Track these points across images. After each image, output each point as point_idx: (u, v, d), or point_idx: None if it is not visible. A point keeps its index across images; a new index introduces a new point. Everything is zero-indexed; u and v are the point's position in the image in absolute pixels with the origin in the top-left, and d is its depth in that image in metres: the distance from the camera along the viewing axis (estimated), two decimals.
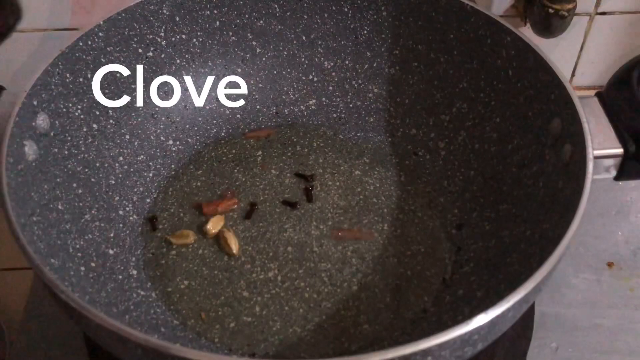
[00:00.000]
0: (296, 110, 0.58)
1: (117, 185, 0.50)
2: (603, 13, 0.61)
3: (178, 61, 0.54)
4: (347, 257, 0.48)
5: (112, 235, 0.48)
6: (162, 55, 0.53)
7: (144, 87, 0.53)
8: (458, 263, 0.48)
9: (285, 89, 0.58)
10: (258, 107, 0.57)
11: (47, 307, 0.51)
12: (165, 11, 0.52)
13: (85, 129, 0.48)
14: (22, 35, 0.58)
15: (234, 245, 0.48)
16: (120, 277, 0.46)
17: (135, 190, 0.51)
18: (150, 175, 0.52)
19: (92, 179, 0.48)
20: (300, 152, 0.55)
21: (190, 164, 0.54)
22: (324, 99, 0.58)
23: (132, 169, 0.51)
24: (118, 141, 0.51)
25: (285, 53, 0.57)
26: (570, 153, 0.43)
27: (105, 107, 0.50)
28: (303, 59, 0.57)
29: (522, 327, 0.48)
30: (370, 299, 0.46)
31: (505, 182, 0.49)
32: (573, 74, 0.66)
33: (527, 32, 0.53)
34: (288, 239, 0.49)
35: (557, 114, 0.45)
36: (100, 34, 0.49)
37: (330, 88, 0.58)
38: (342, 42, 0.57)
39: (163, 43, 0.53)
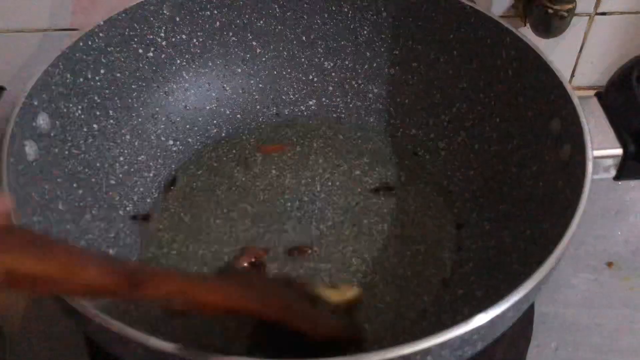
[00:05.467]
0: (296, 110, 0.58)
1: (117, 185, 0.50)
2: (603, 13, 0.61)
3: (178, 61, 0.54)
4: (347, 257, 0.48)
5: (112, 235, 0.48)
6: (163, 56, 0.53)
7: (144, 87, 0.53)
8: (458, 263, 0.48)
9: (285, 89, 0.58)
10: (258, 107, 0.57)
11: (47, 307, 0.51)
12: (165, 11, 0.52)
13: (85, 129, 0.48)
14: (22, 35, 0.58)
15: None
16: None
17: (136, 190, 0.51)
18: (151, 175, 0.52)
19: (93, 179, 0.48)
20: (300, 152, 0.55)
21: (190, 164, 0.54)
22: (324, 99, 0.58)
23: (132, 169, 0.51)
24: (118, 141, 0.51)
25: (285, 53, 0.57)
26: (570, 153, 0.43)
27: (106, 107, 0.50)
28: (303, 59, 0.57)
29: (522, 327, 0.48)
30: (370, 298, 0.46)
31: (505, 182, 0.49)
32: (573, 74, 0.66)
33: (527, 32, 0.53)
34: (288, 239, 0.49)
35: (557, 114, 0.45)
36: (101, 34, 0.49)
37: (330, 88, 0.58)
38: (342, 42, 0.57)
39: (163, 43, 0.53)
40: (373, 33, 0.56)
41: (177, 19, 0.53)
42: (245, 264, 0.47)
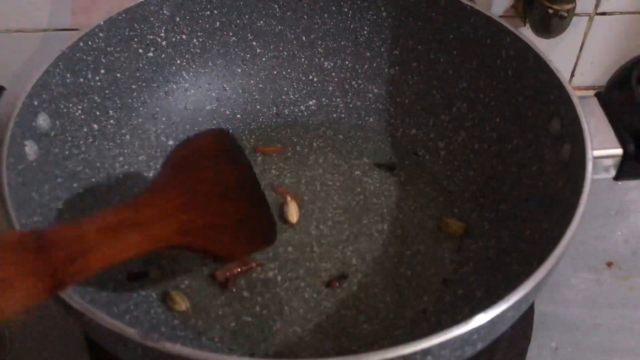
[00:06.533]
0: (296, 110, 0.58)
1: (117, 186, 0.50)
2: (603, 13, 0.61)
3: (178, 61, 0.54)
4: (347, 257, 0.48)
5: None
6: (163, 56, 0.53)
7: (144, 87, 0.53)
8: (458, 263, 0.48)
9: (285, 89, 0.58)
10: (258, 107, 0.57)
11: (47, 307, 0.51)
12: (165, 11, 0.52)
13: (85, 129, 0.48)
14: (22, 35, 0.58)
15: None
16: (120, 276, 0.46)
17: (136, 190, 0.51)
18: (151, 175, 0.52)
19: (93, 179, 0.48)
20: (300, 152, 0.55)
21: None
22: (324, 99, 0.58)
23: (132, 169, 0.51)
24: (118, 141, 0.51)
25: (285, 53, 0.57)
26: (569, 153, 0.43)
27: (106, 107, 0.50)
28: (303, 59, 0.57)
29: (521, 327, 0.48)
30: (370, 299, 0.46)
31: (505, 182, 0.49)
32: (573, 74, 0.66)
33: (527, 32, 0.53)
34: (288, 239, 0.49)
35: (556, 114, 0.45)
36: (101, 34, 0.49)
37: (330, 88, 0.58)
38: (342, 42, 0.57)
39: (163, 43, 0.53)
40: (373, 33, 0.56)
41: (177, 19, 0.53)
42: (232, 274, 0.47)
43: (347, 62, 0.57)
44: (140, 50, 0.52)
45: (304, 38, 0.57)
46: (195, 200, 0.38)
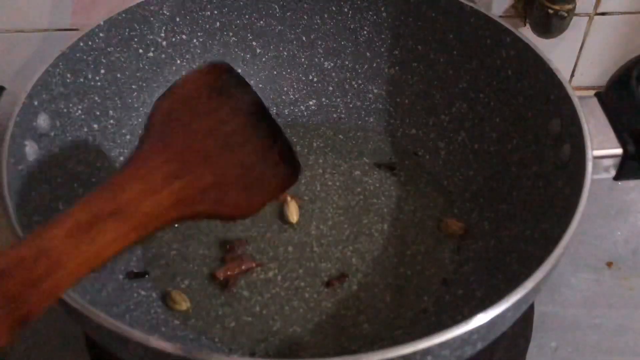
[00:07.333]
0: (296, 110, 0.58)
1: None
2: (602, 13, 0.61)
3: (178, 62, 0.54)
4: (347, 257, 0.48)
5: None
6: (163, 56, 0.53)
7: (144, 87, 0.53)
8: (458, 263, 0.48)
9: (285, 89, 0.58)
10: None
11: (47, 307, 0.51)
12: (165, 12, 0.52)
13: (85, 129, 0.48)
14: (22, 35, 0.58)
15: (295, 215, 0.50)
16: (121, 277, 0.46)
17: None
18: None
19: (93, 179, 0.48)
20: (300, 152, 0.55)
21: None
22: (324, 99, 0.58)
23: None
24: (118, 141, 0.51)
25: (285, 53, 0.57)
26: (569, 153, 0.43)
27: (106, 107, 0.50)
28: (303, 59, 0.57)
29: (521, 327, 0.48)
30: (370, 298, 0.46)
31: (505, 182, 0.49)
32: (572, 74, 0.66)
33: (526, 32, 0.53)
34: (288, 239, 0.49)
35: (556, 114, 0.45)
36: (101, 34, 0.49)
37: (330, 88, 0.58)
38: (342, 43, 0.57)
39: (163, 43, 0.53)
40: (373, 33, 0.56)
41: (177, 19, 0.53)
42: (232, 274, 0.47)
43: (347, 62, 0.57)
44: (140, 51, 0.52)
45: (304, 38, 0.57)
46: (190, 161, 0.31)
